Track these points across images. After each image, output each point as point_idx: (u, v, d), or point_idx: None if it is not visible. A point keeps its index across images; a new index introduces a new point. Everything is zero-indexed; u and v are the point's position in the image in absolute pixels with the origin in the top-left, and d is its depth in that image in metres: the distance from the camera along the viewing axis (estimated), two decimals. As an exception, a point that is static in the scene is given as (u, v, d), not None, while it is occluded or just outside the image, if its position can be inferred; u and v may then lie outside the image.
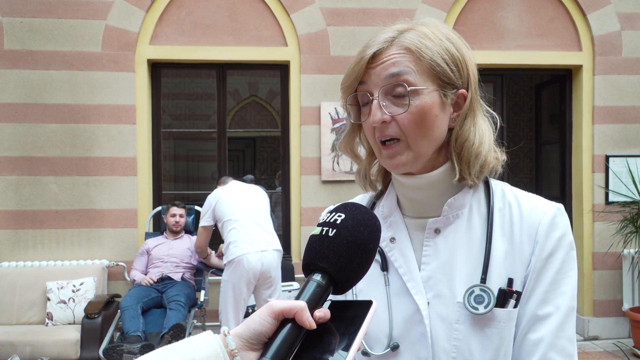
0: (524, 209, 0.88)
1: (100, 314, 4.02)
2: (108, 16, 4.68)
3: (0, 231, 4.62)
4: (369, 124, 0.86)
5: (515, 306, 0.83)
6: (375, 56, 0.85)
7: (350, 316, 0.63)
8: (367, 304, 0.64)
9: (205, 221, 3.90)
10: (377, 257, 0.93)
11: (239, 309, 3.69)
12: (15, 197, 4.62)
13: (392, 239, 0.93)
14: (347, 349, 0.59)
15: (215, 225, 3.93)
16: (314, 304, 0.62)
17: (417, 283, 0.88)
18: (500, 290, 0.83)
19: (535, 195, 0.91)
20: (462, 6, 5.00)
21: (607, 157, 4.99)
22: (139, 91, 4.75)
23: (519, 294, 0.83)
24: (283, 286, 4.31)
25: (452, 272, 0.86)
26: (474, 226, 0.89)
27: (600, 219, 4.98)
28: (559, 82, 5.39)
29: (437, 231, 0.90)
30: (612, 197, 4.98)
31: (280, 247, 3.80)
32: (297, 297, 0.63)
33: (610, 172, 4.99)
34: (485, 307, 0.82)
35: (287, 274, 4.58)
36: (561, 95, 5.35)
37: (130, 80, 4.71)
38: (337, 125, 4.87)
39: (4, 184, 4.62)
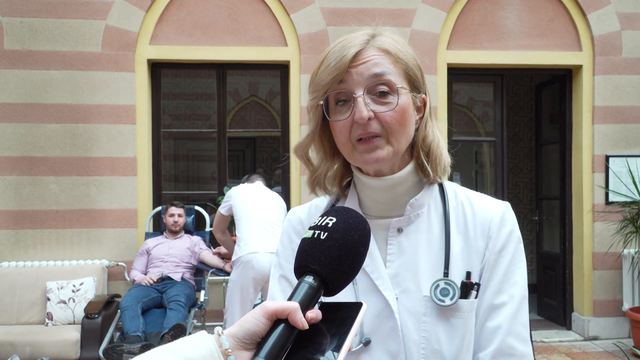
0: (476, 208, 0.95)
1: (100, 314, 4.02)
2: (108, 16, 4.68)
3: (0, 231, 4.62)
4: (348, 122, 0.88)
5: (476, 297, 0.89)
6: (355, 56, 0.87)
7: (341, 317, 0.65)
8: (357, 306, 0.66)
9: (222, 209, 3.98)
10: None
11: (245, 309, 3.70)
12: (15, 197, 4.62)
13: None
14: (337, 349, 0.61)
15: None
16: (306, 305, 0.64)
17: (385, 280, 0.91)
18: (463, 283, 0.89)
19: (483, 194, 0.99)
20: (462, 6, 4.99)
21: (607, 157, 4.99)
22: (138, 91, 4.75)
23: (479, 285, 0.90)
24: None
25: (416, 268, 0.91)
26: (433, 224, 0.94)
27: (600, 219, 4.98)
28: (559, 82, 5.39)
29: (399, 230, 0.94)
30: (612, 197, 4.98)
31: None
32: (290, 298, 0.64)
33: (610, 172, 4.99)
34: (451, 299, 0.87)
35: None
36: (561, 95, 5.35)
37: (130, 80, 4.71)
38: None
39: (4, 184, 4.61)
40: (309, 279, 0.66)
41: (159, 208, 4.80)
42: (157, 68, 4.98)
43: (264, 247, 3.65)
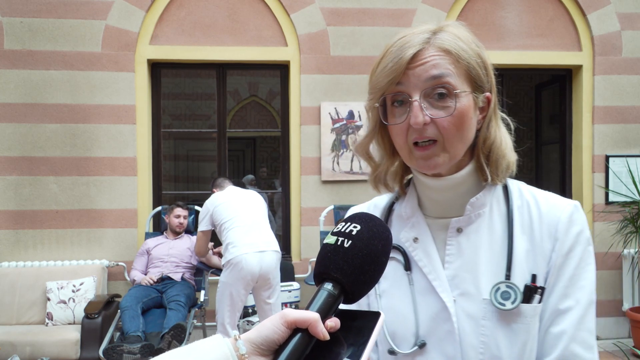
0: (543, 207, 0.90)
1: (100, 314, 4.02)
2: (108, 16, 4.68)
3: (0, 231, 4.61)
4: (405, 125, 0.86)
5: (540, 301, 0.85)
6: (413, 57, 0.84)
7: (358, 327, 0.64)
8: (375, 316, 0.65)
9: (203, 226, 3.90)
10: (400, 257, 0.94)
11: (235, 310, 3.69)
12: (15, 197, 4.62)
13: (415, 239, 0.94)
14: (354, 358, 0.60)
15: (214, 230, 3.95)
16: (325, 313, 0.63)
17: (442, 281, 0.89)
18: (526, 286, 0.85)
19: (552, 193, 0.93)
20: (462, 6, 4.99)
21: (607, 157, 4.99)
22: (139, 91, 4.75)
23: (543, 289, 0.86)
24: (283, 286, 4.32)
25: (476, 269, 0.88)
26: (495, 225, 0.91)
27: (600, 219, 4.98)
28: (559, 82, 5.39)
29: (459, 230, 0.91)
30: (612, 197, 4.98)
31: (278, 248, 3.80)
32: (308, 305, 0.64)
33: (610, 172, 4.99)
34: (512, 302, 0.84)
35: (287, 274, 4.57)
36: (561, 95, 5.35)
37: (130, 80, 4.71)
38: (337, 125, 4.87)
39: (4, 184, 4.61)
40: (329, 286, 0.66)
41: (159, 208, 4.80)
42: (157, 68, 4.98)
43: (252, 247, 3.63)
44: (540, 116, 6.31)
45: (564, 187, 5.33)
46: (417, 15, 4.91)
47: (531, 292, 0.85)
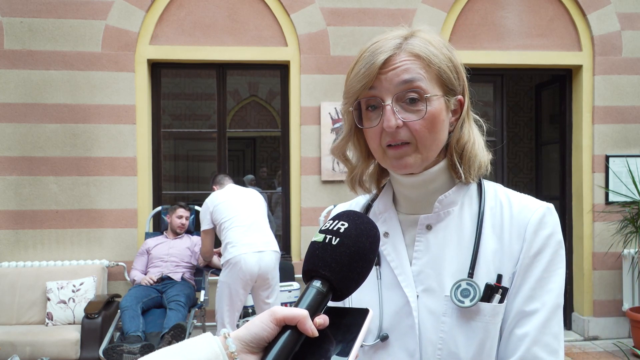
0: (515, 208, 0.91)
1: (100, 314, 4.02)
2: (108, 16, 4.68)
3: (0, 231, 4.62)
4: (378, 129, 0.88)
5: (500, 301, 0.85)
6: (385, 62, 0.86)
7: (347, 324, 0.65)
8: (363, 312, 0.66)
9: (206, 225, 3.89)
10: None
11: (234, 309, 3.69)
12: (15, 197, 4.62)
13: (386, 234, 0.96)
14: (342, 354, 0.61)
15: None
16: (314, 310, 0.64)
17: (407, 277, 0.91)
18: (487, 285, 0.85)
19: (527, 195, 0.94)
20: (462, 6, 4.99)
21: (607, 157, 4.99)
22: (139, 91, 4.75)
23: (505, 289, 0.86)
24: (283, 286, 4.32)
25: (441, 266, 0.89)
26: (465, 223, 0.91)
27: (600, 219, 4.98)
28: (559, 82, 5.39)
29: (428, 227, 0.93)
30: (612, 197, 4.98)
31: (277, 248, 3.80)
32: (297, 303, 0.64)
33: (610, 172, 4.98)
34: (471, 300, 0.84)
35: (287, 274, 4.58)
36: (561, 95, 5.35)
37: (130, 80, 4.71)
38: (337, 125, 4.87)
39: (4, 184, 4.61)
40: (317, 283, 0.66)
41: (159, 208, 4.80)
42: (157, 68, 4.98)
43: (251, 247, 3.63)
44: (540, 116, 6.31)
45: (564, 187, 5.33)
46: (417, 15, 4.91)
47: (492, 291, 0.85)
